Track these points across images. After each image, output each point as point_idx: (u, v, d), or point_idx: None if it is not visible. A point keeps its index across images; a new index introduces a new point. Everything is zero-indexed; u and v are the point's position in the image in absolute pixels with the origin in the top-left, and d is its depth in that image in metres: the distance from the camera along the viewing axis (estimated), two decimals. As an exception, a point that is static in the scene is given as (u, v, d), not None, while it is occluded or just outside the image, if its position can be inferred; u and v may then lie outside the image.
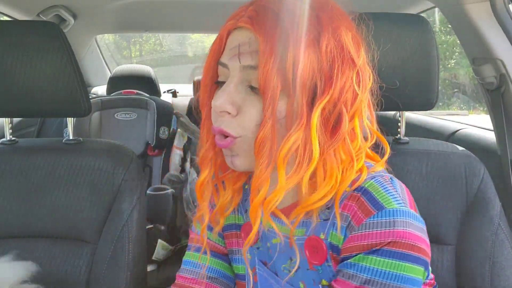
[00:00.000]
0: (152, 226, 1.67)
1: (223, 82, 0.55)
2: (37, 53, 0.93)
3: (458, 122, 1.60)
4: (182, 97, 2.92)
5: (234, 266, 0.71)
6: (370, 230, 0.50)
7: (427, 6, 1.49)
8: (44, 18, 1.75)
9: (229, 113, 0.53)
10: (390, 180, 0.54)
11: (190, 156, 2.14)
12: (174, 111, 2.30)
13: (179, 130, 2.28)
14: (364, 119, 0.55)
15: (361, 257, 0.49)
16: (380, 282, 0.47)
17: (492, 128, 1.21)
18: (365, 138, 0.56)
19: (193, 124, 2.34)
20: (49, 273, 0.94)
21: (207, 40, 4.76)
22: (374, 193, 0.52)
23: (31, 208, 0.98)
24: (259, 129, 0.51)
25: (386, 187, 0.52)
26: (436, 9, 1.48)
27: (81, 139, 1.06)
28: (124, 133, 2.09)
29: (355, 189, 0.53)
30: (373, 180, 0.53)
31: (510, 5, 1.08)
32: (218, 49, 0.56)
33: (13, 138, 1.06)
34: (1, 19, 1.69)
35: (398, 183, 0.55)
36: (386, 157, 0.58)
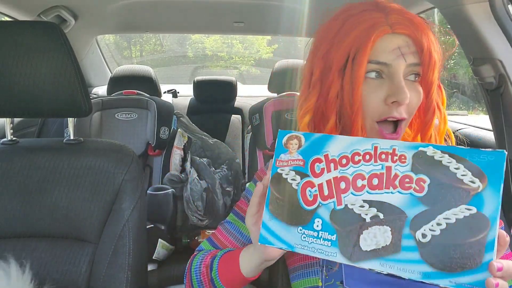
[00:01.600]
0: (152, 225, 1.68)
1: (373, 78, 0.65)
2: (38, 54, 0.93)
3: (457, 122, 1.60)
4: (183, 97, 2.93)
5: (303, 280, 0.71)
6: None
7: (427, 6, 1.49)
8: (45, 19, 1.75)
9: (406, 104, 0.64)
10: None
11: (190, 156, 2.15)
12: (175, 111, 2.30)
13: (179, 130, 2.28)
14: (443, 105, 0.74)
15: None
16: None
17: (491, 128, 1.21)
18: None
19: (193, 124, 2.34)
20: (50, 273, 0.95)
21: (207, 40, 4.77)
22: None
23: (32, 208, 0.98)
24: (424, 115, 0.68)
25: None
26: (436, 10, 1.49)
27: (81, 139, 1.06)
28: (125, 133, 2.09)
29: None
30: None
31: (509, 6, 1.08)
32: (370, 49, 0.64)
33: (14, 138, 1.06)
34: (2, 19, 1.70)
35: None
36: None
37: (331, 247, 0.51)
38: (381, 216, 0.49)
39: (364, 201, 0.50)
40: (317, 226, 0.52)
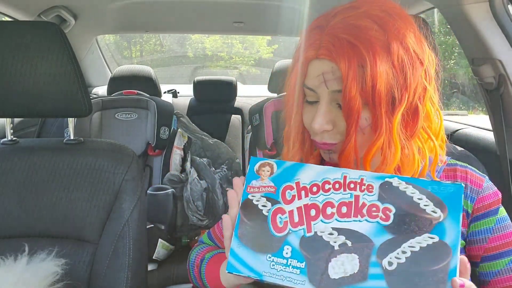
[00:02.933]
0: (152, 225, 1.68)
1: (309, 102, 0.66)
2: (38, 54, 0.93)
3: (457, 122, 1.60)
4: (183, 97, 2.93)
5: None
6: (489, 191, 0.70)
7: (427, 6, 1.50)
8: (45, 19, 1.75)
9: (326, 130, 0.64)
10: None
11: (190, 156, 2.15)
12: (175, 111, 2.30)
13: (179, 130, 2.28)
14: (435, 103, 0.65)
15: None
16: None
17: (491, 128, 1.21)
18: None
19: (193, 124, 2.35)
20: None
21: (207, 40, 4.77)
22: (470, 168, 0.72)
23: (32, 208, 0.98)
24: (343, 144, 0.63)
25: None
26: (436, 10, 1.49)
27: (81, 139, 1.06)
28: (125, 133, 2.09)
29: (448, 164, 0.72)
30: (456, 159, 0.73)
31: (508, 6, 1.08)
32: (302, 74, 0.65)
33: (14, 138, 1.06)
34: (2, 19, 1.70)
35: None
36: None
37: (300, 275, 0.51)
38: (349, 243, 0.50)
39: (333, 228, 0.51)
40: (287, 253, 0.52)
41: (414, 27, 0.62)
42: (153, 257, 1.65)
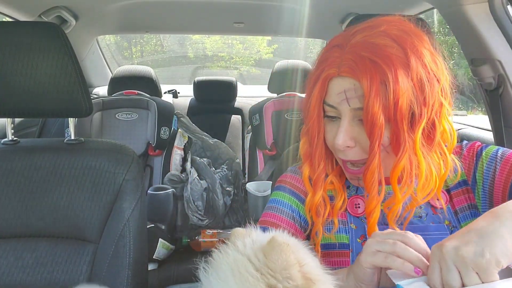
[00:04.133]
0: (153, 225, 1.68)
1: (332, 116, 0.67)
2: (39, 54, 0.93)
3: (456, 123, 1.60)
4: (183, 97, 2.93)
5: (330, 234, 0.74)
6: (466, 148, 0.74)
7: (426, 7, 1.50)
8: (46, 19, 1.76)
9: (349, 147, 0.65)
10: None
11: (190, 156, 2.15)
12: (175, 112, 2.31)
13: (179, 130, 2.29)
14: (447, 119, 0.67)
15: None
16: None
17: (490, 128, 1.21)
18: None
19: (193, 124, 2.35)
20: (51, 273, 0.95)
21: (207, 41, 4.77)
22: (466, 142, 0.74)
23: (33, 207, 0.98)
24: (367, 162, 0.64)
25: None
26: (435, 10, 1.49)
27: (82, 139, 1.07)
28: (125, 133, 2.09)
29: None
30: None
31: (508, 6, 1.08)
32: (322, 91, 0.66)
33: (15, 138, 1.06)
34: (3, 20, 1.70)
35: None
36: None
37: None
38: None
39: None
40: None
41: (428, 44, 0.65)
42: (154, 257, 1.65)
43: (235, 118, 2.79)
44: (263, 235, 0.54)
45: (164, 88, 2.74)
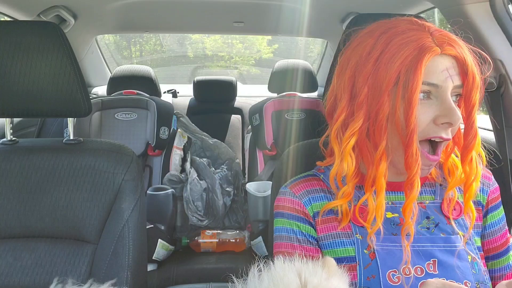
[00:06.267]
0: (152, 225, 1.68)
1: (424, 99, 0.66)
2: (38, 54, 0.93)
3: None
4: (182, 97, 2.92)
5: (335, 250, 0.71)
6: (496, 184, 0.77)
7: (427, 6, 1.49)
8: (45, 19, 1.75)
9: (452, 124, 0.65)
10: None
11: (190, 156, 2.15)
12: (175, 111, 2.30)
13: (179, 130, 2.28)
14: None
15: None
16: None
17: (491, 128, 1.21)
18: None
19: (193, 124, 2.34)
20: (50, 273, 0.94)
21: (207, 40, 4.76)
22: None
23: (32, 208, 0.98)
24: (465, 138, 0.68)
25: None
26: (436, 10, 1.49)
27: (81, 139, 1.06)
28: (125, 133, 2.09)
29: None
30: None
31: (509, 6, 1.08)
32: (423, 71, 0.64)
33: (14, 138, 1.06)
34: (2, 19, 1.69)
35: None
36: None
37: None
38: None
39: None
40: None
41: None
42: (153, 258, 1.65)
43: (235, 118, 2.78)
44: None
45: (163, 87, 2.74)
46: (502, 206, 0.77)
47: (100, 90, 2.73)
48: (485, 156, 0.72)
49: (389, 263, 0.67)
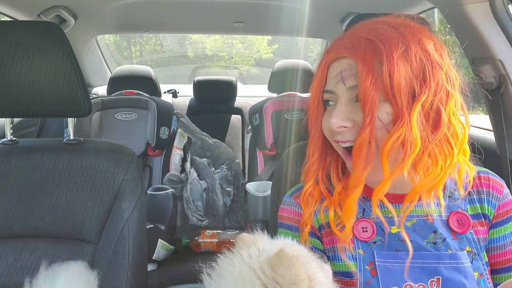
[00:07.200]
0: (152, 225, 1.68)
1: (330, 105, 0.68)
2: (38, 54, 0.93)
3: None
4: (183, 97, 2.92)
5: (337, 263, 0.71)
6: (509, 197, 0.72)
7: (427, 6, 1.49)
8: (45, 19, 1.75)
9: (346, 127, 0.64)
10: None
11: (190, 156, 2.15)
12: (175, 111, 2.30)
13: (179, 130, 2.28)
14: (457, 115, 0.65)
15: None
16: None
17: (491, 128, 1.21)
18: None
19: (193, 124, 2.34)
20: (50, 273, 0.94)
21: (207, 40, 4.76)
22: (492, 174, 0.73)
23: (32, 208, 0.98)
24: (359, 134, 0.62)
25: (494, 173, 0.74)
26: (436, 10, 1.49)
27: (81, 139, 1.06)
28: (125, 133, 2.09)
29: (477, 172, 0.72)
30: (481, 167, 0.75)
31: (509, 6, 1.08)
32: (321, 81, 0.68)
33: (14, 138, 1.06)
34: (2, 19, 1.70)
35: None
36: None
37: None
38: None
39: None
40: None
41: (434, 40, 0.65)
42: (153, 257, 1.65)
43: (235, 118, 2.78)
44: (270, 244, 0.52)
45: (163, 87, 2.74)
46: None
47: (100, 90, 2.73)
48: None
49: (390, 280, 0.66)
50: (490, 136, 1.26)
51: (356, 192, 0.64)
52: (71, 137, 1.06)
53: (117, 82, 2.39)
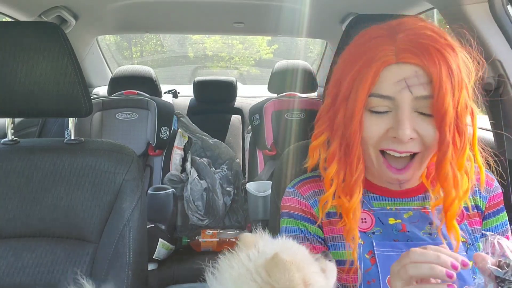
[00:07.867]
0: (152, 225, 1.68)
1: (377, 112, 0.63)
2: (39, 54, 0.93)
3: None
4: (183, 97, 2.93)
5: (338, 252, 0.72)
6: (498, 190, 0.75)
7: (426, 7, 1.50)
8: (46, 19, 1.76)
9: (412, 138, 0.61)
10: None
11: (190, 156, 2.15)
12: (175, 111, 2.31)
13: (179, 130, 2.29)
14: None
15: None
16: None
17: (490, 128, 1.21)
18: None
19: (193, 124, 2.35)
20: (50, 273, 0.95)
21: (207, 41, 4.76)
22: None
23: (33, 208, 0.98)
24: (437, 158, 0.62)
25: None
26: (435, 10, 1.49)
27: (82, 139, 1.07)
28: (125, 133, 2.09)
29: None
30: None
31: (508, 6, 1.08)
32: (373, 82, 0.61)
33: (15, 138, 1.06)
34: (3, 20, 1.70)
35: None
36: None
37: None
38: None
39: None
40: None
41: (463, 52, 0.65)
42: (153, 257, 1.65)
43: (235, 118, 2.79)
44: (271, 244, 0.51)
45: (164, 88, 2.74)
46: (505, 211, 0.76)
47: (101, 90, 2.73)
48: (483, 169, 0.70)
49: (389, 268, 0.67)
50: (489, 136, 1.26)
51: (452, 211, 0.65)
52: (72, 137, 1.07)
53: (118, 83, 2.40)
